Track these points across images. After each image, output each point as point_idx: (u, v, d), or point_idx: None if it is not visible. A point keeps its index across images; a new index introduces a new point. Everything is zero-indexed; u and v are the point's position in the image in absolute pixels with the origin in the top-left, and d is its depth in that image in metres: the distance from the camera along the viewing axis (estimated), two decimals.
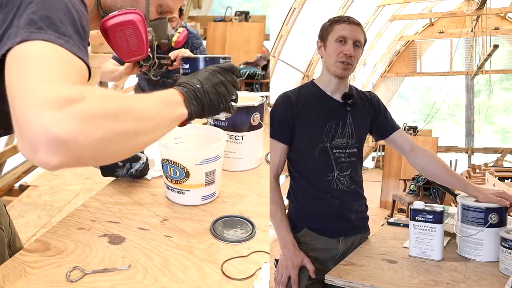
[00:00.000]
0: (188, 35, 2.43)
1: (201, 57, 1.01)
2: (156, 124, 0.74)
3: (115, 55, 2.35)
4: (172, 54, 2.09)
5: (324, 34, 1.40)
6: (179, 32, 2.35)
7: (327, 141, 1.38)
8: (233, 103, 0.98)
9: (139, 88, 2.79)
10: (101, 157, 0.64)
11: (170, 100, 0.81)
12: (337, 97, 1.42)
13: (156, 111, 0.74)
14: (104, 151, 0.62)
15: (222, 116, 0.98)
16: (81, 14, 0.76)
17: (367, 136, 1.54)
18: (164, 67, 2.13)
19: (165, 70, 2.25)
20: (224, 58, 1.04)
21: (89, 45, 0.99)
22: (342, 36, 1.35)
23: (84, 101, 0.59)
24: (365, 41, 1.41)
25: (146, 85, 2.70)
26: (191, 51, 2.42)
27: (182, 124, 0.87)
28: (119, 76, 2.16)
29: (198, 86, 0.88)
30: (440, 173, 1.45)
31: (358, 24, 1.38)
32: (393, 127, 1.48)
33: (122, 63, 2.15)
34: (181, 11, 2.42)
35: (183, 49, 2.14)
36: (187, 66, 1.02)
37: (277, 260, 1.43)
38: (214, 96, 0.90)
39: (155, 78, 2.20)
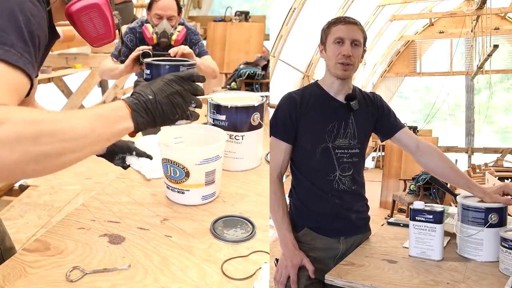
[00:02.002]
0: (187, 32, 2.42)
1: (163, 64, 1.01)
2: (90, 141, 0.77)
3: (114, 52, 2.36)
4: (171, 51, 2.08)
5: (323, 37, 1.42)
6: (178, 31, 2.35)
7: (329, 141, 1.38)
8: (197, 110, 0.99)
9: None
10: (20, 175, 0.69)
11: (113, 115, 0.83)
12: (340, 98, 1.42)
13: (90, 129, 0.77)
14: (21, 171, 0.68)
15: (182, 123, 0.98)
16: (30, 17, 0.77)
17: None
18: None
19: None
20: (190, 65, 1.04)
21: (59, 37, 1.02)
22: (339, 37, 1.36)
23: (2, 126, 0.64)
24: (365, 39, 1.41)
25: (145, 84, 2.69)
26: (190, 47, 2.41)
27: (131, 134, 0.89)
28: (119, 74, 2.17)
29: (150, 97, 0.89)
30: (447, 174, 1.45)
31: (355, 23, 1.39)
32: (397, 126, 1.49)
33: (122, 61, 2.15)
34: (180, 9, 2.41)
35: (182, 46, 2.13)
36: (148, 72, 1.03)
37: (277, 260, 1.43)
38: (168, 107, 0.91)
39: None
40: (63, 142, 0.71)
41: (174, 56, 2.08)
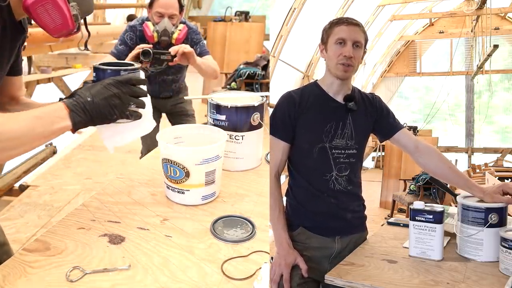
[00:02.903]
0: (188, 30, 2.41)
1: (105, 68, 1.09)
2: (28, 139, 0.93)
3: (113, 50, 2.36)
4: (172, 50, 2.08)
5: (324, 37, 1.42)
6: (179, 30, 2.34)
7: (326, 141, 1.39)
8: (140, 110, 1.10)
9: None
10: None
11: (51, 115, 0.96)
12: (339, 98, 1.42)
13: (29, 128, 0.92)
14: None
15: (123, 122, 1.09)
16: None
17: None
18: (164, 62, 2.13)
19: (165, 66, 2.25)
20: (133, 69, 1.12)
21: (26, 32, 1.11)
22: (341, 38, 1.36)
23: None
24: (366, 40, 1.41)
25: (147, 83, 2.68)
26: (191, 46, 2.40)
27: (72, 131, 1.01)
28: None
29: (88, 99, 1.00)
30: (446, 174, 1.45)
31: (357, 24, 1.39)
32: (396, 127, 1.48)
33: (121, 59, 2.15)
34: (181, 7, 2.40)
35: (183, 45, 2.12)
36: (95, 74, 1.11)
37: (272, 258, 1.43)
38: (105, 108, 1.02)
39: (156, 70, 2.19)
40: (3, 142, 0.88)
41: (175, 55, 2.08)
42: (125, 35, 2.38)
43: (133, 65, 1.16)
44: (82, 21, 1.17)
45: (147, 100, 1.14)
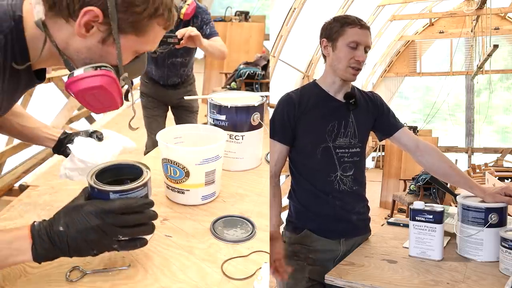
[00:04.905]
0: (198, 10, 2.42)
1: (94, 186, 0.90)
2: None
3: None
4: (179, 33, 2.11)
5: (333, 35, 1.36)
6: (188, 4, 2.34)
7: (330, 141, 1.38)
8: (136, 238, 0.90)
9: (145, 74, 2.74)
10: None
11: (10, 247, 0.82)
12: (340, 97, 1.41)
13: None
14: None
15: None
16: None
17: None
18: (171, 45, 2.15)
19: (172, 48, 2.27)
20: (132, 189, 0.90)
21: (43, 80, 0.98)
22: (355, 41, 1.33)
23: None
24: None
25: (154, 68, 2.64)
26: (201, 26, 2.41)
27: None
28: None
29: (60, 229, 0.83)
30: (447, 173, 1.44)
31: (368, 28, 1.37)
32: (397, 126, 1.48)
33: None
34: None
35: (190, 28, 2.15)
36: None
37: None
38: (81, 243, 0.84)
39: (164, 50, 2.19)
40: None
41: (181, 38, 2.09)
42: None
43: (137, 177, 0.96)
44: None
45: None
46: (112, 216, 0.85)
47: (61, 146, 1.28)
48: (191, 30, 2.11)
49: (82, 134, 1.26)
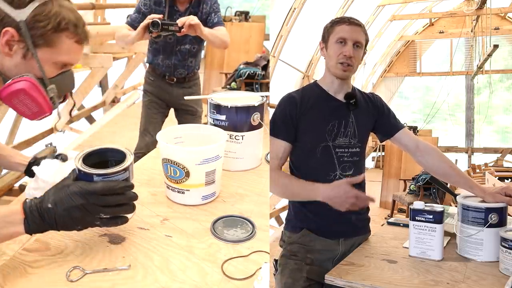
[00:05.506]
0: None
1: (80, 168, 0.97)
2: None
3: (129, 20, 2.47)
4: (179, 21, 2.16)
5: (325, 36, 1.42)
6: None
7: (329, 140, 1.38)
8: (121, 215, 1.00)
9: (151, 69, 2.71)
10: None
11: (4, 220, 0.91)
12: (340, 97, 1.42)
13: None
14: None
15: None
16: None
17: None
18: (171, 32, 2.22)
19: (173, 35, 2.33)
20: (114, 173, 0.98)
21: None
22: (342, 38, 1.36)
23: None
24: (367, 41, 1.41)
25: (162, 58, 2.60)
26: (210, 12, 2.45)
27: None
28: (131, 41, 2.28)
29: (49, 206, 0.92)
30: (447, 173, 1.45)
31: (358, 24, 1.38)
32: (397, 126, 1.48)
33: (135, 28, 2.25)
34: None
35: (191, 16, 2.19)
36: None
37: (276, 260, 1.43)
38: (67, 220, 0.93)
39: (167, 33, 2.23)
40: None
41: (182, 26, 2.14)
42: (140, 2, 2.44)
43: (122, 160, 1.03)
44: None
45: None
46: (95, 197, 0.94)
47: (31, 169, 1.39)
48: (192, 19, 2.14)
49: (49, 156, 1.35)
